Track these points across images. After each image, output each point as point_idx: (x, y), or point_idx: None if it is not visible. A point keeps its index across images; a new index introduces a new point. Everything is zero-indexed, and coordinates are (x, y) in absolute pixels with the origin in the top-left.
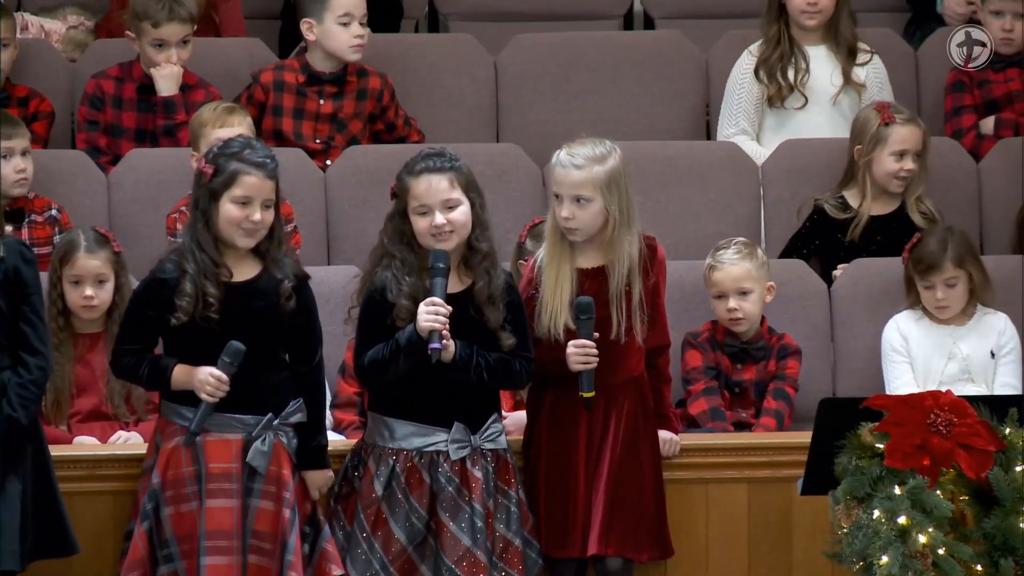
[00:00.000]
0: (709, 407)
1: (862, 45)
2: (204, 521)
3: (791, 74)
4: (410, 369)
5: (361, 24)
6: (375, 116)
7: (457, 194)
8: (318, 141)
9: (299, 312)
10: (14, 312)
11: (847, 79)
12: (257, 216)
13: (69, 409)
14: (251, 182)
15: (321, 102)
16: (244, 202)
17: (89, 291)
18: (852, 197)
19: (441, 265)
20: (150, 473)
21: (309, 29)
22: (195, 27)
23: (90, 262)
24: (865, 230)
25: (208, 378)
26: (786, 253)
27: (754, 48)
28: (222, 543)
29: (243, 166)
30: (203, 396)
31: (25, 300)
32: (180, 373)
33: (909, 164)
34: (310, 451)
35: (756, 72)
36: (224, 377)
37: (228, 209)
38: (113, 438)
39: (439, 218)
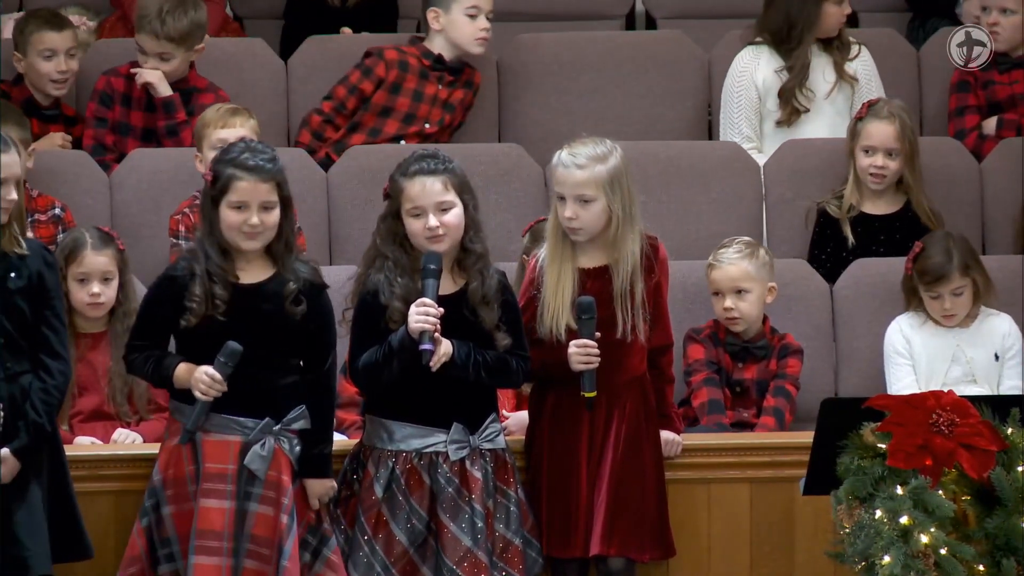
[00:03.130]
0: (710, 398)
1: (850, 38)
2: (196, 520)
3: (799, 95)
4: (404, 371)
5: (488, 18)
6: (464, 109)
7: (451, 196)
8: (428, 125)
9: (312, 319)
10: (37, 316)
11: (840, 74)
12: (255, 220)
13: (71, 409)
14: (243, 187)
15: (440, 87)
16: (239, 207)
17: (96, 288)
18: (849, 193)
19: (432, 266)
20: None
21: (435, 18)
22: (181, 49)
23: (97, 259)
24: (868, 228)
25: (202, 376)
26: (812, 261)
27: (749, 51)
28: (212, 543)
29: (236, 171)
30: (197, 394)
31: (48, 305)
32: (182, 371)
33: (879, 160)
34: (311, 459)
35: (779, 95)
36: (218, 376)
37: (227, 215)
38: (114, 437)
39: (433, 220)
